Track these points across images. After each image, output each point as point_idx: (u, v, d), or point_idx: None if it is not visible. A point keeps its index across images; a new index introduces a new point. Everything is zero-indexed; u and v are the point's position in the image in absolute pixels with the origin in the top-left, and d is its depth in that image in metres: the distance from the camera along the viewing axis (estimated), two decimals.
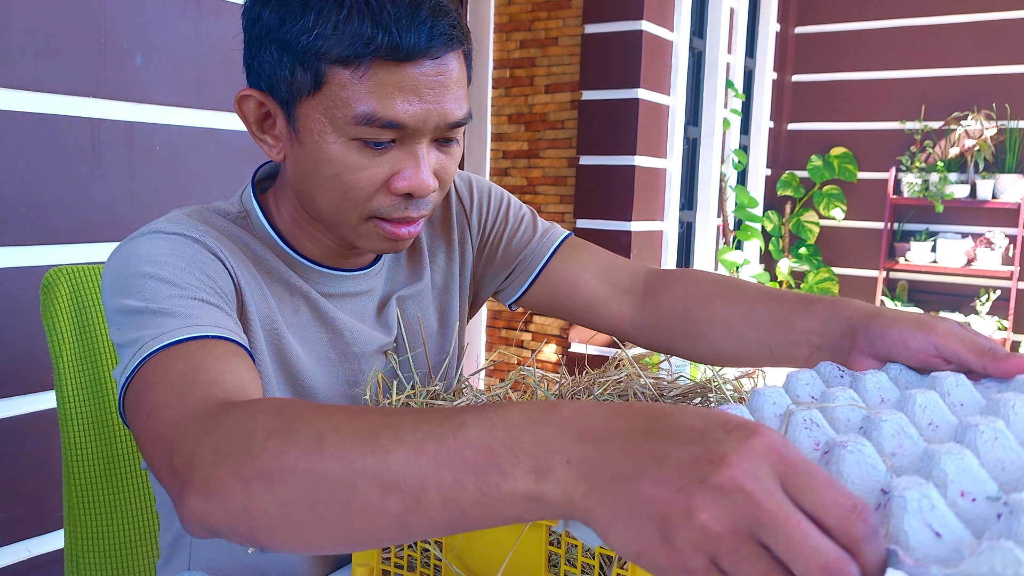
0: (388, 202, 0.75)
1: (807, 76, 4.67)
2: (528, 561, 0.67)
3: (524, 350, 3.59)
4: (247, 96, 0.76)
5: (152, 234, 0.74)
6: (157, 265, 0.70)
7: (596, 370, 1.00)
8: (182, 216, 0.78)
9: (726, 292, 0.84)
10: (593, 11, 3.29)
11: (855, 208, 4.55)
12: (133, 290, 0.68)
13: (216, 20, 1.56)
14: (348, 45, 0.67)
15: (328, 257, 0.85)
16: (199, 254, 0.73)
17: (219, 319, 0.69)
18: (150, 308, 0.67)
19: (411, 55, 0.68)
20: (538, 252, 0.97)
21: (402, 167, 0.73)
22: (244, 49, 0.76)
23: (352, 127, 0.70)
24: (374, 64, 0.68)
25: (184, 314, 0.67)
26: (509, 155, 3.61)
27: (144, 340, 0.65)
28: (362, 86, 0.69)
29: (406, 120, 0.70)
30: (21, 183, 1.31)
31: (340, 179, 0.73)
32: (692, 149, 3.87)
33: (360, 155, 0.72)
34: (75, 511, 1.00)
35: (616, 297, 0.93)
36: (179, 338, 0.64)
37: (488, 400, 0.84)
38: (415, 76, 0.69)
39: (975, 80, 4.20)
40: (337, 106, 0.70)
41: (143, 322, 0.66)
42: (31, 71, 1.31)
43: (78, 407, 0.99)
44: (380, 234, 0.77)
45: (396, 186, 0.73)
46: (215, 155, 1.57)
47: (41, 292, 0.98)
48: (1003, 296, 4.24)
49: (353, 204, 0.75)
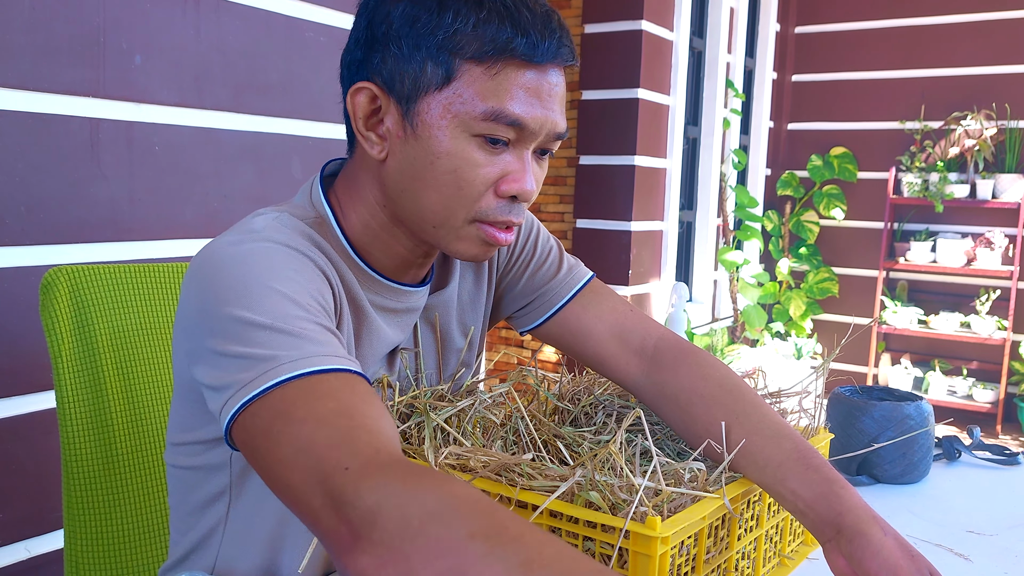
0: (494, 204, 0.76)
1: (807, 76, 4.67)
2: None
3: (524, 350, 3.59)
4: (362, 89, 0.76)
5: (264, 242, 0.72)
6: (281, 281, 0.68)
7: None
8: (279, 225, 0.76)
9: (730, 404, 0.85)
10: (593, 11, 3.29)
11: (855, 208, 4.55)
12: (257, 303, 0.66)
13: (216, 20, 1.56)
14: (486, 43, 0.71)
15: (391, 269, 0.85)
16: (311, 273, 0.72)
17: (342, 350, 0.67)
18: (276, 326, 0.65)
19: (542, 61, 0.73)
20: (559, 291, 0.97)
21: (512, 170, 0.76)
22: (355, 46, 0.78)
23: (478, 122, 0.72)
24: (508, 64, 0.72)
25: (317, 340, 0.65)
26: None
27: (279, 361, 0.63)
28: (492, 83, 0.72)
29: (527, 121, 0.73)
30: (20, 183, 1.31)
31: (457, 174, 0.74)
32: (692, 149, 3.87)
33: (478, 152, 0.74)
34: (75, 511, 1.00)
35: (624, 356, 0.94)
36: (319, 368, 0.63)
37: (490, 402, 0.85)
38: (539, 81, 0.73)
39: (975, 80, 4.20)
40: (464, 101, 0.72)
41: (272, 341, 0.64)
42: (30, 70, 1.31)
43: (78, 407, 0.99)
44: (481, 237, 0.78)
45: (504, 188, 0.76)
46: (215, 155, 1.57)
47: (40, 292, 0.98)
48: (1003, 296, 4.24)
49: (463, 202, 0.76)
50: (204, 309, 0.69)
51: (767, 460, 0.78)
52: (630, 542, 0.62)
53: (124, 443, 1.03)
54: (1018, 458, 1.25)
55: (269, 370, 0.63)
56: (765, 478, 0.78)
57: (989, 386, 4.19)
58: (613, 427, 0.89)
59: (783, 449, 0.78)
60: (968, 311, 4.32)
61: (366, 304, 0.82)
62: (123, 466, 1.03)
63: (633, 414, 0.76)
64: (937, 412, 3.54)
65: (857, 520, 0.71)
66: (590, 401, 0.96)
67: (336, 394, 0.61)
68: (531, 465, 0.70)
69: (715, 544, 0.72)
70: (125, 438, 1.03)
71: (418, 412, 0.79)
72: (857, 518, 0.71)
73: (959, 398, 4.23)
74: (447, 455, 0.73)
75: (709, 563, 0.71)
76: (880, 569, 0.68)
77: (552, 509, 0.66)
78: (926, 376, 4.31)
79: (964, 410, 4.17)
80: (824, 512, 0.73)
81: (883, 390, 1.26)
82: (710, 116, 3.86)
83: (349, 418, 0.60)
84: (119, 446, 1.03)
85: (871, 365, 4.50)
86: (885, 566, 0.68)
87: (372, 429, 0.59)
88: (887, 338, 4.54)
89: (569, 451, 0.82)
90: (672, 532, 0.62)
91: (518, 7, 0.72)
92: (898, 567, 0.68)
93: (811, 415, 0.93)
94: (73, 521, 1.00)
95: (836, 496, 0.73)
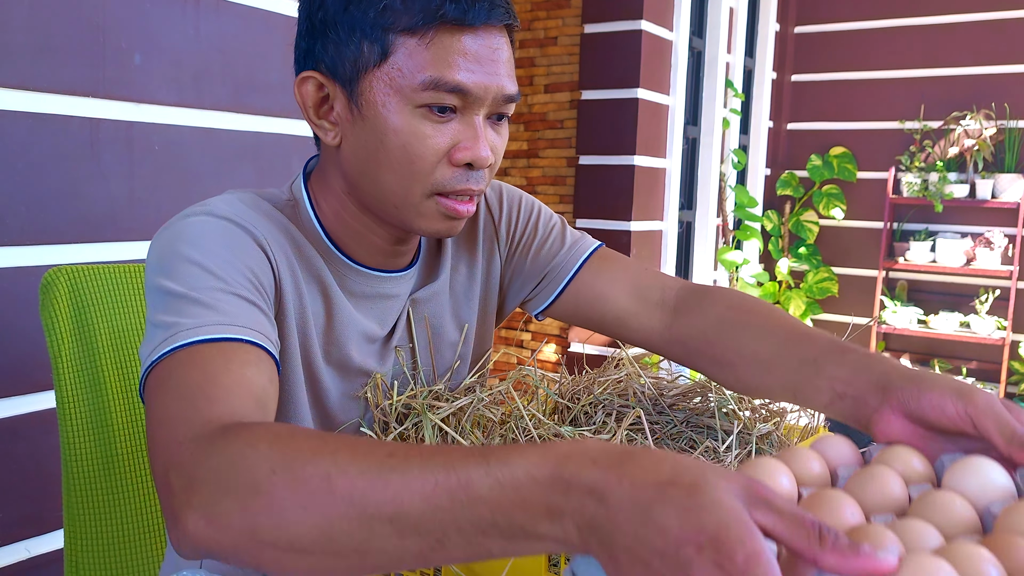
0: (450, 174, 0.77)
1: (806, 76, 4.67)
2: (528, 561, 0.67)
3: (524, 350, 3.59)
4: (307, 78, 0.78)
5: (204, 215, 0.75)
6: (203, 252, 0.71)
7: (596, 369, 1.00)
8: (235, 200, 0.79)
9: (760, 323, 0.83)
10: (592, 11, 3.29)
11: (854, 208, 4.55)
12: (175, 272, 0.70)
13: (216, 20, 1.56)
14: (416, 13, 0.72)
15: (368, 256, 0.86)
16: (246, 245, 0.74)
17: (255, 319, 0.70)
18: (190, 296, 0.68)
19: (474, 23, 0.73)
20: (567, 264, 0.96)
21: (462, 138, 0.76)
22: (300, 38, 0.80)
23: (419, 93, 0.73)
24: (440, 32, 0.72)
25: (222, 310, 0.68)
26: (508, 155, 3.61)
27: (179, 328, 0.66)
28: (428, 52, 0.73)
29: (469, 86, 0.74)
30: (20, 183, 1.31)
31: (407, 148, 0.75)
32: (692, 149, 3.86)
33: (424, 123, 0.74)
34: (75, 511, 1.00)
35: (646, 312, 0.93)
36: (212, 336, 0.65)
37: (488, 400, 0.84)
38: (476, 45, 0.74)
39: (974, 80, 4.20)
40: (403, 75, 0.73)
41: (181, 308, 0.67)
42: (30, 70, 1.31)
43: (78, 407, 0.99)
44: (442, 211, 0.79)
45: (457, 157, 0.76)
46: (214, 155, 1.57)
47: (40, 292, 0.98)
48: (1002, 296, 4.24)
49: (418, 176, 0.76)
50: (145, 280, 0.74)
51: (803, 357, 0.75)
52: None
53: (124, 443, 1.03)
54: None
55: (168, 337, 0.65)
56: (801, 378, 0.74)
57: (989, 386, 4.19)
58: (613, 427, 0.89)
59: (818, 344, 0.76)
60: (968, 311, 4.32)
61: (334, 287, 0.83)
62: (123, 466, 1.03)
63: (633, 414, 0.76)
64: None
65: (906, 371, 0.66)
66: (590, 400, 0.96)
67: (207, 364, 0.63)
68: None
69: None
70: (125, 438, 1.03)
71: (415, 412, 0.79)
72: (906, 371, 0.67)
73: None
74: None
75: None
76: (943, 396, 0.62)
77: None
78: None
79: None
80: (867, 379, 0.68)
81: None
82: (710, 116, 3.86)
83: (203, 391, 0.62)
84: (119, 446, 1.03)
85: None
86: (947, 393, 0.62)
87: (218, 399, 0.61)
88: (887, 338, 4.54)
89: None
90: None
91: None
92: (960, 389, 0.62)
93: (811, 414, 0.93)
94: (73, 521, 1.00)
95: (879, 361, 0.69)
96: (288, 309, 0.79)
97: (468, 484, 0.47)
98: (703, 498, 0.41)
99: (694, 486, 0.42)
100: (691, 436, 0.89)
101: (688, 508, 0.41)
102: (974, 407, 0.61)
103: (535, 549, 0.47)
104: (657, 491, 0.42)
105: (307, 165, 0.88)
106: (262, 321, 0.71)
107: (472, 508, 0.47)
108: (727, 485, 0.42)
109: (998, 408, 0.61)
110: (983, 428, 0.60)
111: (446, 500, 0.47)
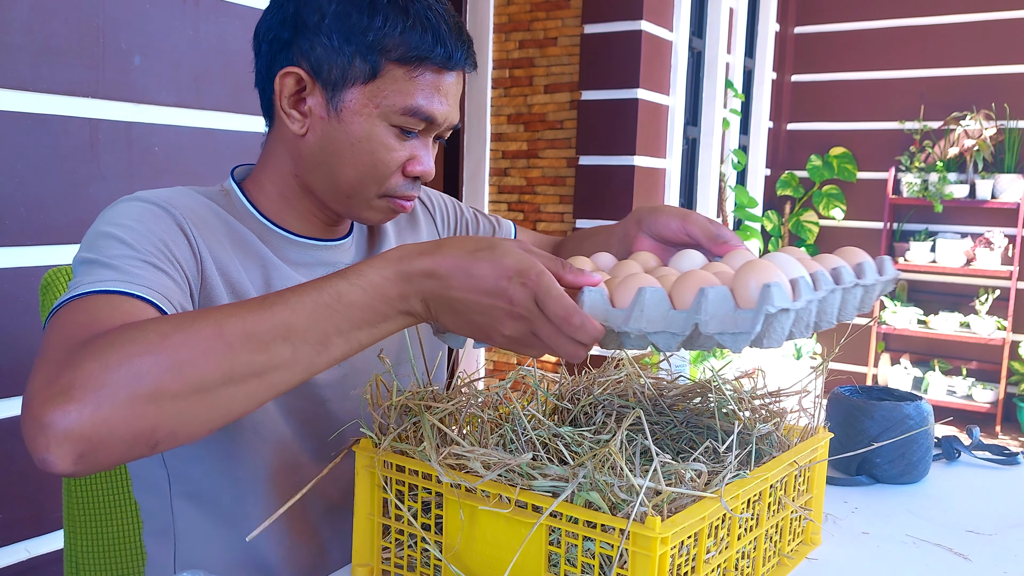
0: (400, 182, 0.89)
1: (806, 76, 4.67)
2: (528, 561, 0.67)
3: None
4: (290, 73, 0.85)
5: (127, 200, 0.82)
6: (119, 227, 0.77)
7: (596, 370, 1.00)
8: (165, 190, 0.86)
9: (592, 232, 1.08)
10: (592, 11, 3.29)
11: (854, 208, 4.55)
12: (92, 246, 0.76)
13: (215, 20, 1.56)
14: (411, 49, 0.83)
15: (306, 229, 0.94)
16: (163, 222, 0.80)
17: (157, 281, 0.74)
18: (99, 261, 0.74)
19: (454, 67, 0.86)
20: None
21: (417, 155, 0.88)
22: (283, 27, 0.85)
23: (397, 115, 0.85)
24: (427, 70, 0.84)
25: (123, 270, 0.73)
26: (508, 155, 3.61)
27: (79, 285, 0.70)
28: (411, 84, 0.84)
29: (437, 117, 0.86)
30: (20, 183, 1.31)
31: (374, 156, 0.86)
32: (691, 149, 3.87)
33: (392, 138, 0.86)
34: (74, 511, 1.00)
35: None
36: (104, 289, 0.70)
37: (484, 400, 0.85)
38: (448, 83, 0.87)
39: (974, 80, 4.21)
40: (387, 96, 0.84)
41: (88, 271, 0.73)
42: (30, 71, 1.31)
43: None
44: (389, 207, 0.91)
45: (410, 169, 0.88)
46: (214, 156, 1.57)
47: (40, 292, 0.98)
48: (1002, 296, 4.24)
49: (376, 180, 0.87)
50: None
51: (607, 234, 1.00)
52: (630, 542, 0.62)
53: None
54: (1018, 458, 1.25)
55: (71, 292, 0.70)
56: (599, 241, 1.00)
57: (988, 386, 4.19)
58: (613, 427, 0.89)
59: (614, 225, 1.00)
60: (967, 311, 4.32)
61: (271, 257, 0.90)
62: (123, 466, 1.03)
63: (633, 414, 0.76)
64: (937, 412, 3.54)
65: (653, 206, 0.92)
66: (590, 401, 0.96)
67: (93, 310, 0.68)
68: (531, 465, 0.70)
69: (715, 544, 0.72)
70: None
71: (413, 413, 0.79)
72: (653, 206, 0.92)
73: (958, 398, 4.23)
74: (446, 455, 0.73)
75: (709, 563, 0.71)
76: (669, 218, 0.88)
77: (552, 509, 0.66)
78: (925, 376, 4.31)
79: (963, 410, 4.17)
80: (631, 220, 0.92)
81: (883, 390, 1.26)
82: (709, 116, 3.86)
83: (86, 326, 0.65)
84: None
85: (871, 365, 4.50)
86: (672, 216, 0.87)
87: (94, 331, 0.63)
88: (887, 338, 4.54)
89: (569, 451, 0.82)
90: (672, 532, 0.62)
91: (438, 21, 0.84)
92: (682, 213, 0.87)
93: (811, 415, 0.93)
94: (72, 521, 1.00)
95: (639, 207, 0.94)
96: (214, 280, 0.83)
97: (340, 295, 0.63)
98: (500, 250, 0.64)
99: (492, 246, 0.64)
100: (691, 436, 0.90)
101: (493, 259, 0.63)
102: (688, 222, 0.86)
103: (391, 329, 0.66)
104: (470, 256, 0.64)
105: (233, 172, 0.96)
106: (166, 284, 0.75)
107: (347, 311, 0.63)
108: (512, 243, 0.65)
109: (704, 220, 0.86)
110: (693, 234, 0.86)
111: (325, 311, 0.63)
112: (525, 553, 0.67)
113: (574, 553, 0.66)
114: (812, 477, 0.89)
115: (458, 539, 0.71)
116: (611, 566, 0.64)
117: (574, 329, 0.63)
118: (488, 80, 3.63)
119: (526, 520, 0.67)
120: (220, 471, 0.88)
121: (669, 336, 0.65)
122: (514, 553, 0.67)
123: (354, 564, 0.78)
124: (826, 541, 0.92)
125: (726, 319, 0.63)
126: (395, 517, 0.76)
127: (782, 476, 0.80)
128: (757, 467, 0.77)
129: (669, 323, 0.65)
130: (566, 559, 0.67)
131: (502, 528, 0.68)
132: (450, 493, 0.71)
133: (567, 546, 0.66)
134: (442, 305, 0.65)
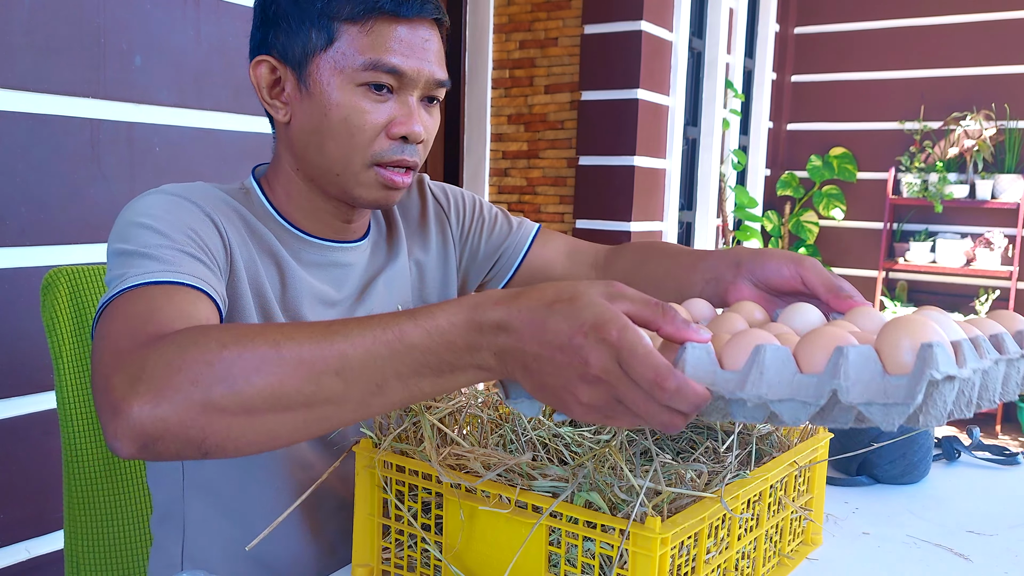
0: (387, 146, 0.87)
1: (806, 76, 4.67)
2: (528, 561, 0.67)
3: None
4: (260, 62, 0.88)
5: (155, 193, 0.83)
6: (152, 218, 0.78)
7: None
8: (187, 185, 0.87)
9: (659, 254, 1.02)
10: (592, 11, 3.29)
11: (854, 208, 4.55)
12: (127, 236, 0.77)
13: (216, 21, 1.56)
14: (357, 5, 0.83)
15: (320, 230, 0.94)
16: (193, 213, 0.82)
17: (198, 270, 0.76)
18: (139, 252, 0.75)
19: (407, 15, 0.84)
20: (518, 243, 1.10)
21: (398, 115, 0.86)
22: (255, 28, 0.89)
23: (359, 73, 0.84)
24: (378, 21, 0.84)
25: (167, 260, 0.74)
26: (509, 155, 3.61)
27: (127, 276, 0.72)
28: (367, 39, 0.84)
29: (404, 69, 0.84)
30: (21, 183, 1.31)
31: (348, 121, 0.85)
32: (691, 149, 3.87)
33: (364, 100, 0.85)
34: (75, 511, 1.00)
35: (583, 272, 1.08)
36: (155, 280, 0.71)
37: (484, 400, 0.85)
38: (410, 35, 0.85)
39: (974, 80, 4.21)
40: (346, 56, 0.84)
41: (129, 262, 0.74)
42: (31, 71, 1.31)
43: (78, 407, 0.99)
44: (380, 181, 0.88)
45: (394, 131, 0.86)
46: (214, 156, 1.57)
47: (41, 292, 0.98)
48: (1002, 296, 4.24)
49: (358, 147, 0.86)
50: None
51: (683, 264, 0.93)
52: (630, 542, 0.62)
53: None
54: (1018, 458, 1.25)
55: (116, 285, 0.72)
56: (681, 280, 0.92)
57: None
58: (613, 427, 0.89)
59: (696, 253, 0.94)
60: (967, 311, 4.32)
61: (286, 258, 0.91)
62: (123, 466, 1.03)
63: None
64: None
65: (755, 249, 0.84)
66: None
67: (151, 300, 0.69)
68: (531, 465, 0.70)
69: (715, 544, 0.72)
70: None
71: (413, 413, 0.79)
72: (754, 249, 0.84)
73: None
74: (446, 455, 0.73)
75: (709, 563, 0.71)
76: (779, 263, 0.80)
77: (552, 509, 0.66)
78: None
79: None
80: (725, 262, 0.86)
81: None
82: (709, 116, 3.86)
83: (148, 317, 0.67)
84: None
85: None
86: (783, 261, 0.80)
87: (161, 323, 0.66)
88: None
89: (569, 451, 0.82)
90: (672, 532, 0.62)
91: None
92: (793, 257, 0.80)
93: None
94: (73, 521, 1.00)
95: (736, 249, 0.87)
96: (241, 273, 0.85)
97: (402, 335, 0.57)
98: (579, 303, 0.55)
99: (573, 297, 0.55)
100: (691, 436, 0.90)
101: (570, 312, 0.54)
102: (804, 268, 0.78)
103: (460, 382, 0.59)
104: (546, 308, 0.55)
105: (254, 171, 0.97)
106: (206, 272, 0.77)
107: (408, 354, 0.57)
108: (594, 290, 0.56)
109: (821, 268, 0.78)
110: (809, 283, 0.78)
111: (385, 350, 0.57)
112: (525, 553, 0.67)
113: (574, 553, 0.66)
114: (812, 477, 0.89)
115: (458, 539, 0.71)
116: (611, 566, 0.64)
117: (669, 395, 0.52)
118: (488, 80, 3.63)
119: (526, 520, 0.67)
120: (233, 465, 0.89)
121: (798, 405, 0.53)
122: (514, 553, 0.67)
123: (354, 564, 0.78)
124: (827, 541, 0.92)
125: (873, 386, 0.51)
126: (395, 517, 0.76)
127: (782, 476, 0.80)
128: (757, 467, 0.77)
129: (797, 389, 0.53)
130: (566, 559, 0.67)
131: (502, 528, 0.69)
132: (450, 493, 0.71)
133: (567, 546, 0.66)
134: (516, 362, 0.57)
